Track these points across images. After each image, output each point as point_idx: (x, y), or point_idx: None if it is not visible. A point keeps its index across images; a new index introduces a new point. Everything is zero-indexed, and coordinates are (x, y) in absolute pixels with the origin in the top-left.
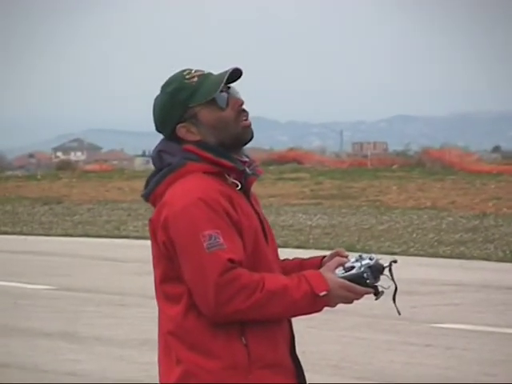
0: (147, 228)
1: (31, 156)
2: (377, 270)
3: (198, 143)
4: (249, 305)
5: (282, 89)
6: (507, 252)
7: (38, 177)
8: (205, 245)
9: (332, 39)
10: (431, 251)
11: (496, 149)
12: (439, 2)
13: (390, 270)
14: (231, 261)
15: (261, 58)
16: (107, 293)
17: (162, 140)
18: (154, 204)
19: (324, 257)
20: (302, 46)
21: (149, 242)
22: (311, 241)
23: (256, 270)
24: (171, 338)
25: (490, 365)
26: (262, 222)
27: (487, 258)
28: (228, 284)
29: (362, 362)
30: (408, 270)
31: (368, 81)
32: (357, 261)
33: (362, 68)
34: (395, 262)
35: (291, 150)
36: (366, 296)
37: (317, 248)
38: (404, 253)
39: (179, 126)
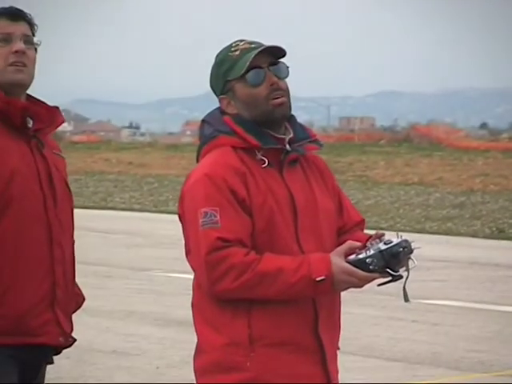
0: (133, 200)
1: None
2: (390, 255)
3: (234, 116)
4: (238, 285)
5: None
6: (494, 229)
7: None
8: (200, 222)
9: (320, 14)
10: (418, 227)
11: (483, 125)
12: None
13: (406, 258)
14: (223, 239)
15: (250, 31)
16: (94, 264)
17: (213, 109)
18: None
19: (371, 237)
20: (291, 19)
21: (135, 214)
22: None
23: (270, 249)
24: (193, 310)
25: (477, 341)
26: (294, 200)
27: (474, 235)
28: (217, 263)
29: (349, 337)
30: None
31: (356, 55)
32: (373, 245)
33: (350, 43)
34: (407, 248)
35: None
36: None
37: None
38: (391, 228)
39: (221, 97)
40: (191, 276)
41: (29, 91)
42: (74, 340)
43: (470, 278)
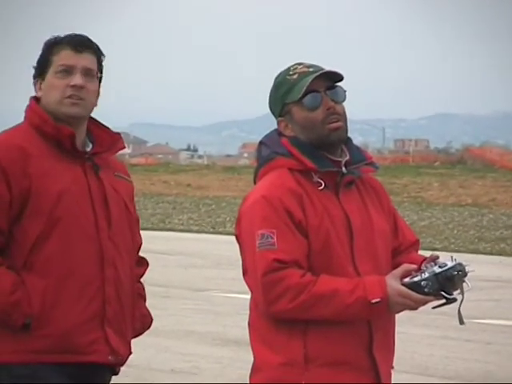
0: (191, 221)
1: None
2: (445, 278)
3: (291, 138)
4: (294, 305)
5: None
6: None
7: None
8: (257, 243)
9: (375, 37)
10: (472, 247)
11: None
12: None
13: (461, 281)
14: (279, 261)
15: (301, 52)
16: (152, 285)
17: (271, 131)
18: None
19: (425, 259)
20: (342, 42)
21: (193, 235)
22: None
23: (326, 270)
24: (250, 329)
25: None
26: (350, 222)
27: None
28: (273, 284)
29: (403, 356)
30: None
31: (409, 78)
32: (428, 268)
33: (403, 66)
34: (462, 272)
35: None
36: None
37: None
38: (445, 249)
39: (279, 119)
40: (248, 296)
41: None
42: (126, 358)
43: None
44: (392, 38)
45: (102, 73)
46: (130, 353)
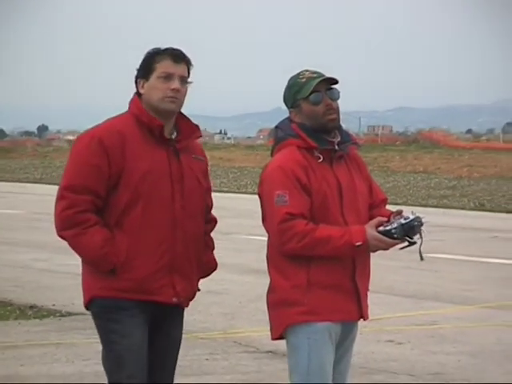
0: (222, 184)
1: None
2: (409, 227)
3: (299, 124)
4: (300, 246)
5: None
6: (477, 204)
7: None
8: (274, 200)
9: (350, 43)
10: (423, 202)
11: (469, 131)
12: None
13: (419, 229)
14: (290, 214)
15: (287, 50)
16: None
17: (284, 118)
18: None
19: (392, 213)
20: (326, 44)
21: (223, 194)
22: None
23: (323, 220)
24: (267, 261)
25: (468, 283)
26: (340, 186)
27: (463, 208)
28: (285, 230)
29: (375, 281)
30: None
31: (379, 80)
32: (395, 219)
33: (375, 69)
34: (420, 222)
35: None
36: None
37: None
38: (404, 203)
39: (291, 110)
40: (263, 238)
41: None
42: (192, 297)
43: (461, 238)
44: (359, 47)
45: (189, 77)
46: (198, 290)
